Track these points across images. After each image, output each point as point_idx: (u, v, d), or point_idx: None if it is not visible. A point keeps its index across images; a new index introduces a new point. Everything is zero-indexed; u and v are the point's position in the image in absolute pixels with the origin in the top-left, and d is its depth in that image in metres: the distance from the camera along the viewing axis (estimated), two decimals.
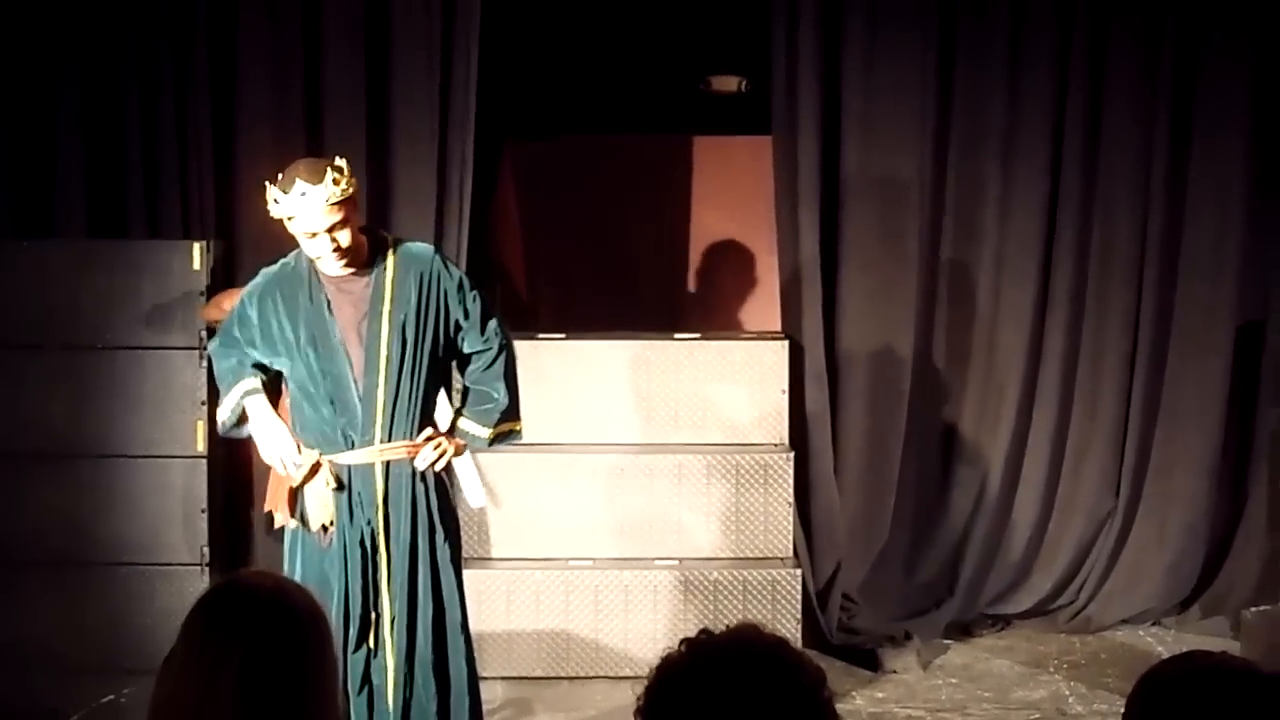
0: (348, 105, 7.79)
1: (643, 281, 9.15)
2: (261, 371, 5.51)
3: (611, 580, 7.40)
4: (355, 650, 5.36)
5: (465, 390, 5.63)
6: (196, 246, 7.29)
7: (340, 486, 5.35)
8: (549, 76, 8.96)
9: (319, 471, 5.36)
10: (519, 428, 5.74)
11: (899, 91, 7.97)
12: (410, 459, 5.39)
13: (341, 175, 5.30)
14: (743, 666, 2.38)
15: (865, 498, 8.11)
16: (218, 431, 5.74)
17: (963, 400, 8.18)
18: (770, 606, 7.33)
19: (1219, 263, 8.06)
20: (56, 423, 7.25)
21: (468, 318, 5.48)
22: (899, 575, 8.17)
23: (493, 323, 5.55)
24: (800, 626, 7.42)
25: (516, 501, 7.54)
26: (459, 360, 5.58)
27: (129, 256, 7.31)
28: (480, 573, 7.41)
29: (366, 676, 5.40)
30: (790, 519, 7.61)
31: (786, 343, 7.87)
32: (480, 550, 7.53)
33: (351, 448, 5.36)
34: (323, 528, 5.39)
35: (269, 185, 5.36)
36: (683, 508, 7.57)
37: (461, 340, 5.50)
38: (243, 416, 5.52)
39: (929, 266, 8.06)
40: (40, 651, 7.14)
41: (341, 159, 5.41)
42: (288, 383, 5.49)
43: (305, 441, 5.41)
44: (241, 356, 5.51)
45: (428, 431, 5.45)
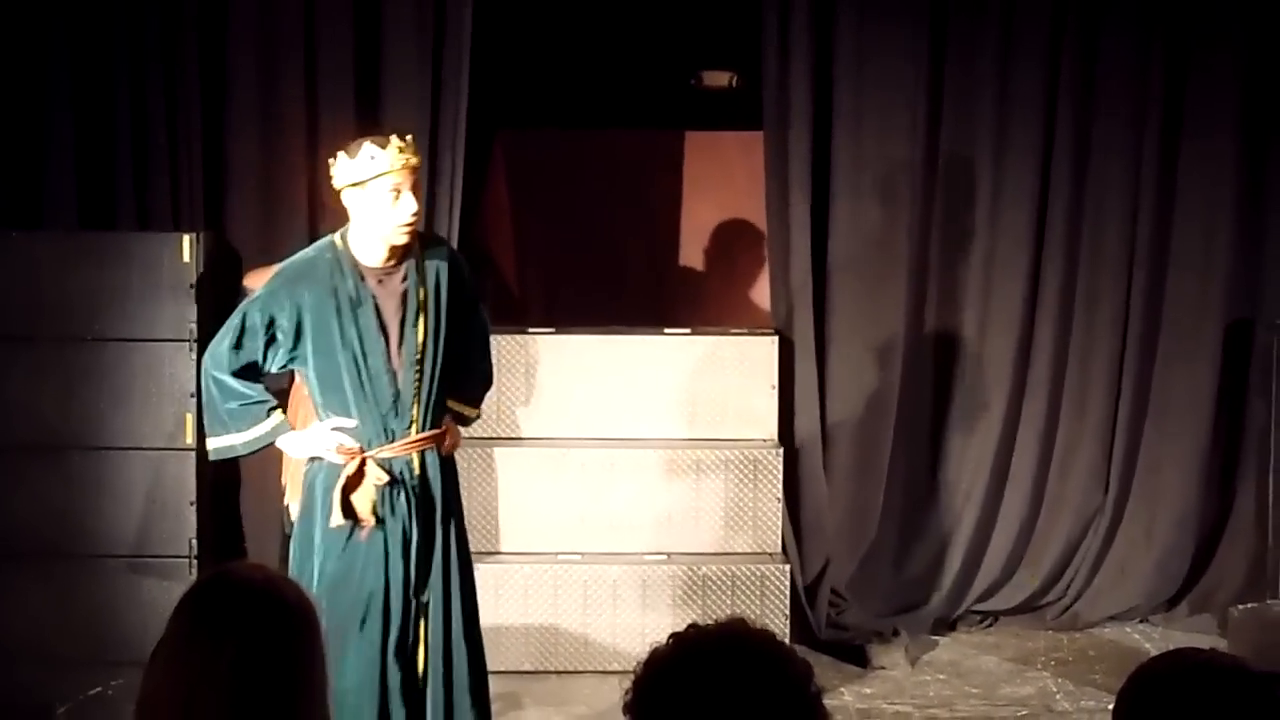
0: (339, 96, 7.78)
1: (633, 276, 9.14)
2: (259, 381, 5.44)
3: (600, 575, 7.40)
4: (399, 640, 5.33)
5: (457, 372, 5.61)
6: (186, 238, 7.27)
7: (391, 480, 5.34)
8: (540, 70, 8.95)
9: (365, 466, 5.32)
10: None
11: (890, 87, 7.98)
12: (437, 447, 5.41)
13: None
14: (731, 660, 2.37)
15: (854, 494, 8.11)
16: (209, 456, 5.57)
17: (952, 397, 8.18)
18: (759, 602, 7.34)
19: (1208, 261, 8.08)
20: (45, 414, 7.24)
21: (473, 302, 5.53)
22: (887, 571, 8.18)
23: (479, 302, 5.64)
24: (789, 622, 7.43)
25: (505, 495, 7.54)
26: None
27: (119, 248, 7.30)
28: (485, 567, 7.40)
29: (410, 666, 5.38)
30: (779, 515, 7.62)
31: (776, 338, 7.87)
32: (487, 545, 7.52)
33: (392, 440, 5.35)
34: (364, 522, 5.32)
35: (351, 149, 5.30)
36: (672, 503, 7.57)
37: (468, 322, 5.53)
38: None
39: (919, 262, 8.07)
40: (28, 643, 7.13)
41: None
42: (313, 379, 5.38)
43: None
44: (249, 383, 5.36)
45: (447, 418, 5.48)
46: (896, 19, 7.96)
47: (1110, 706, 2.56)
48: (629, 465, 7.57)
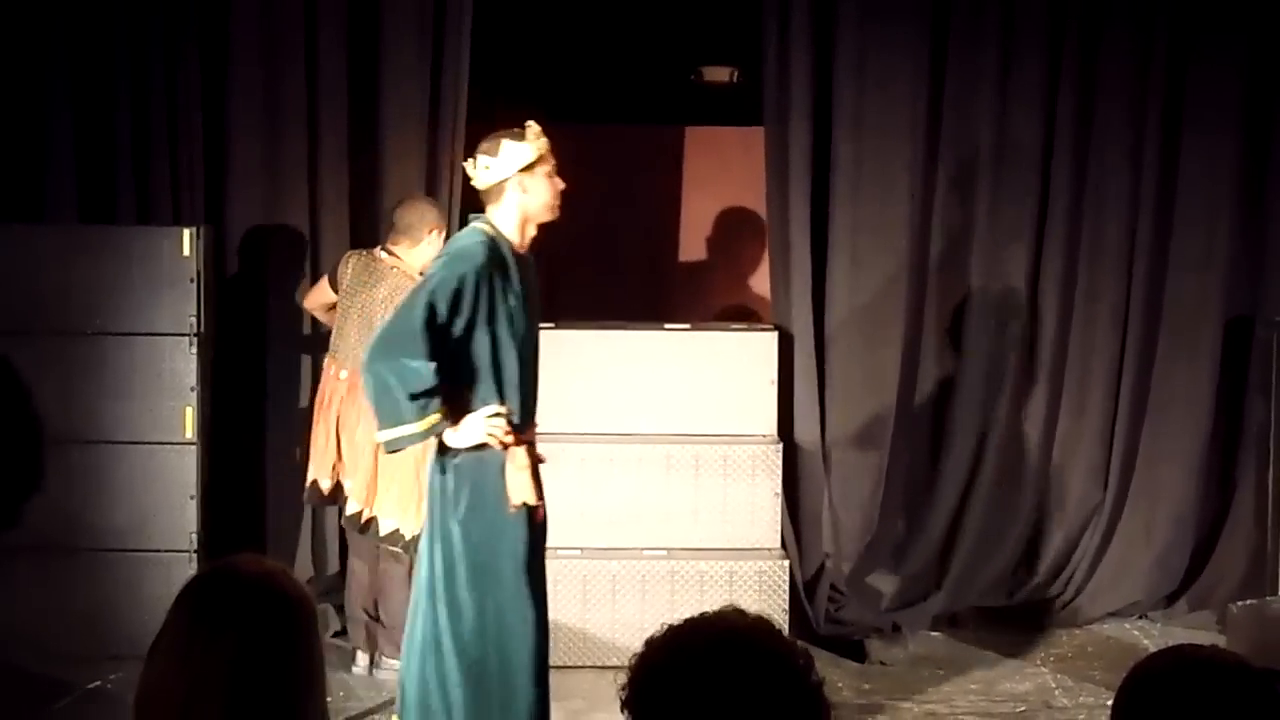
0: (339, 92, 7.79)
1: (633, 271, 9.14)
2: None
3: (599, 570, 7.40)
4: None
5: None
6: (187, 233, 7.28)
7: (543, 462, 5.51)
8: (541, 65, 8.95)
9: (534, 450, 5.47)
10: None
11: (890, 83, 7.98)
12: None
13: None
14: (729, 652, 2.33)
15: (853, 489, 8.11)
16: (385, 448, 5.45)
17: (952, 392, 8.17)
18: (758, 597, 7.33)
19: (1208, 258, 8.08)
20: (46, 408, 7.25)
21: None
22: (887, 567, 8.18)
23: None
24: (788, 618, 7.43)
25: None
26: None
27: (119, 242, 7.31)
28: None
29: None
30: (778, 510, 7.62)
31: (776, 334, 7.87)
32: None
33: (531, 423, 5.49)
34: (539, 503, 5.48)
35: (512, 136, 5.49)
36: (671, 498, 7.57)
37: None
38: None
39: (919, 258, 8.06)
40: (28, 637, 7.14)
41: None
42: (479, 362, 5.34)
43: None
44: (426, 370, 5.22)
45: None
46: (897, 14, 7.96)
47: (1109, 703, 2.56)
48: (628, 460, 7.57)
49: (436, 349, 5.20)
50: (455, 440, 5.33)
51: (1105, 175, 8.05)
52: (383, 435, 5.31)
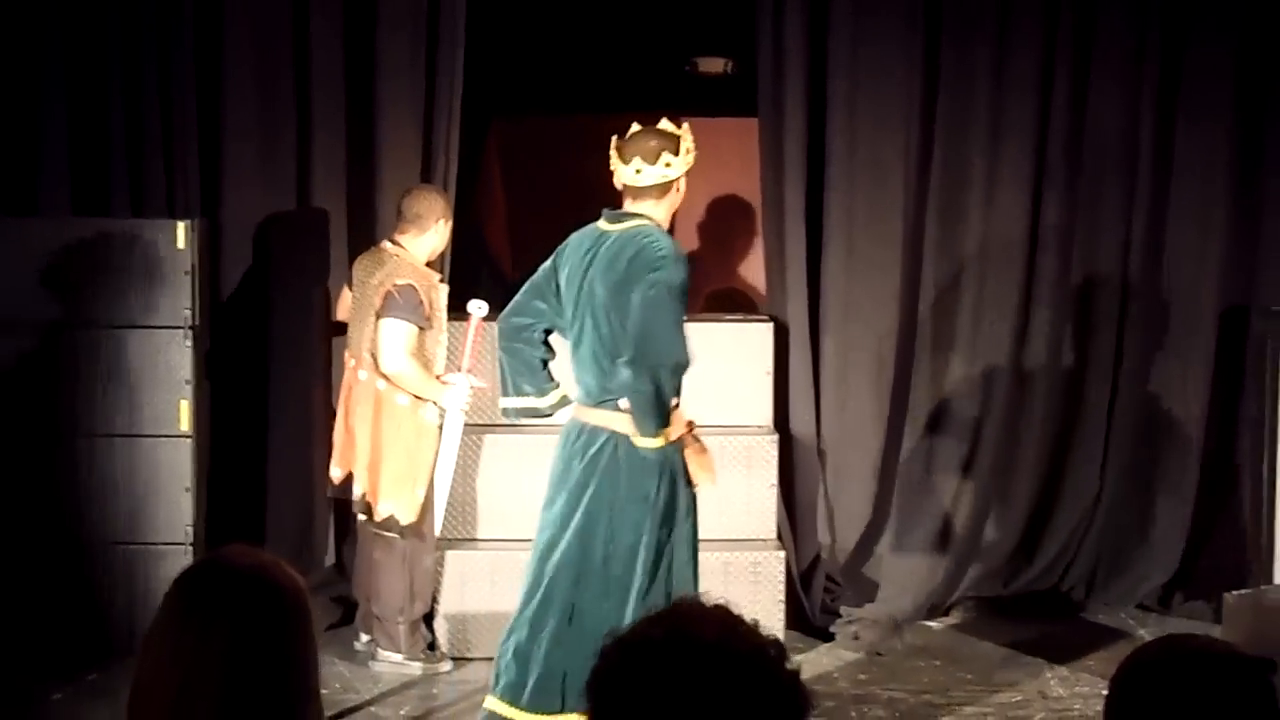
0: (333, 83, 7.79)
1: None
2: None
3: None
4: None
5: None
6: (181, 225, 7.28)
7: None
8: (535, 56, 8.94)
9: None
10: None
11: (885, 74, 7.98)
12: None
13: None
14: (693, 651, 2.09)
15: (849, 480, 8.11)
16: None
17: (947, 382, 8.17)
18: (753, 588, 7.33)
19: (1204, 248, 8.08)
20: (40, 401, 7.24)
21: None
22: (882, 557, 8.18)
23: None
24: (784, 608, 7.43)
25: (498, 483, 7.54)
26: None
27: (114, 235, 7.30)
28: (465, 553, 7.42)
29: None
30: (774, 501, 7.62)
31: (771, 324, 7.87)
32: (465, 531, 7.53)
33: None
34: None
35: (684, 136, 5.98)
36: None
37: None
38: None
39: (914, 248, 8.06)
40: (23, 629, 7.14)
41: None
42: None
43: None
44: None
45: None
46: (891, 6, 7.96)
47: (1105, 693, 2.57)
48: None
49: None
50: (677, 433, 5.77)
51: (1100, 164, 8.05)
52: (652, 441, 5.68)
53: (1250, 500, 8.06)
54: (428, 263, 7.14)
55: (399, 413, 6.99)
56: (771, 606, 7.31)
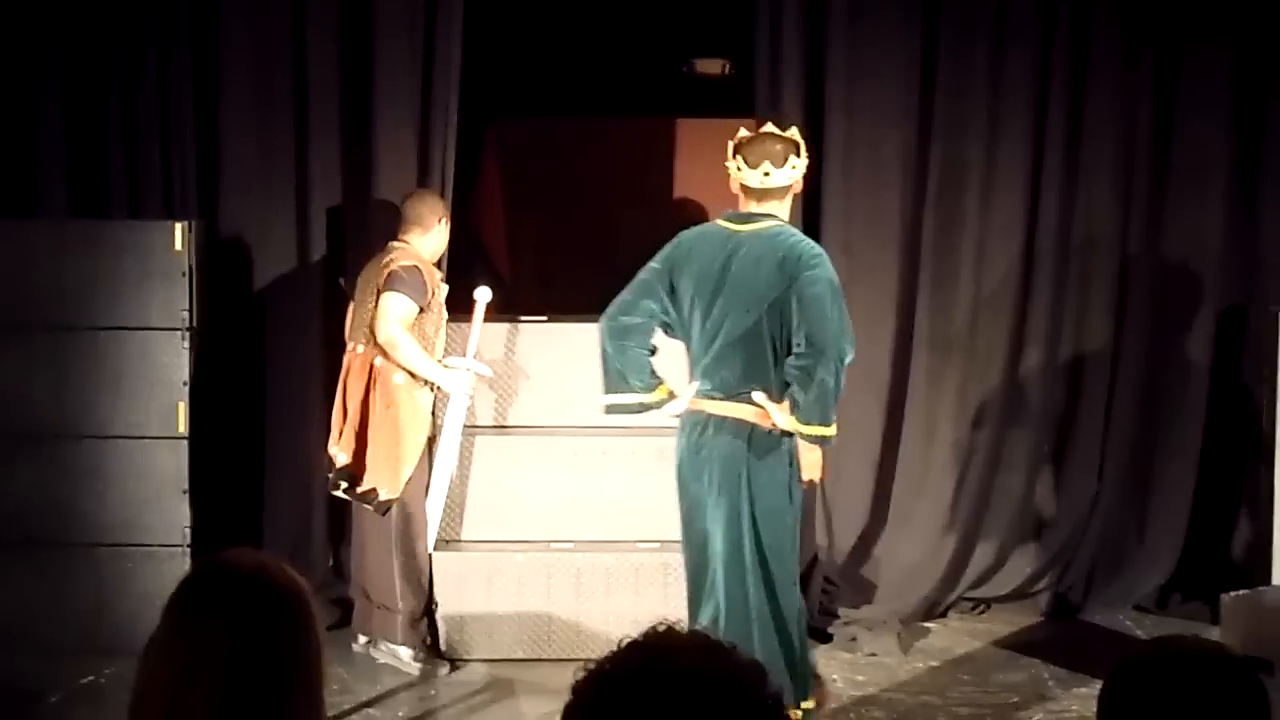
0: (330, 85, 7.79)
1: (625, 263, 9.11)
2: None
3: (593, 562, 7.40)
4: None
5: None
6: (179, 227, 7.28)
7: None
8: (533, 58, 8.95)
9: None
10: None
11: (882, 75, 7.98)
12: None
13: None
14: (669, 680, 2.07)
15: (846, 481, 8.11)
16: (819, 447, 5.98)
17: (945, 383, 8.17)
18: None
19: (1202, 247, 8.08)
20: (37, 403, 7.24)
21: None
22: (880, 558, 8.18)
23: None
24: None
25: (498, 483, 7.54)
26: None
27: (111, 236, 7.31)
28: (462, 554, 7.42)
29: None
30: None
31: None
32: (462, 532, 7.53)
33: None
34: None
35: (800, 144, 5.98)
36: (665, 490, 7.53)
37: None
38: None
39: (911, 249, 8.07)
40: (21, 632, 7.14)
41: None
42: None
43: None
44: None
45: None
46: (889, 7, 7.96)
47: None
48: (622, 453, 7.56)
49: None
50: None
51: (1097, 163, 8.05)
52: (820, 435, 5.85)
53: (1249, 500, 8.06)
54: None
55: (393, 390, 6.98)
56: None
